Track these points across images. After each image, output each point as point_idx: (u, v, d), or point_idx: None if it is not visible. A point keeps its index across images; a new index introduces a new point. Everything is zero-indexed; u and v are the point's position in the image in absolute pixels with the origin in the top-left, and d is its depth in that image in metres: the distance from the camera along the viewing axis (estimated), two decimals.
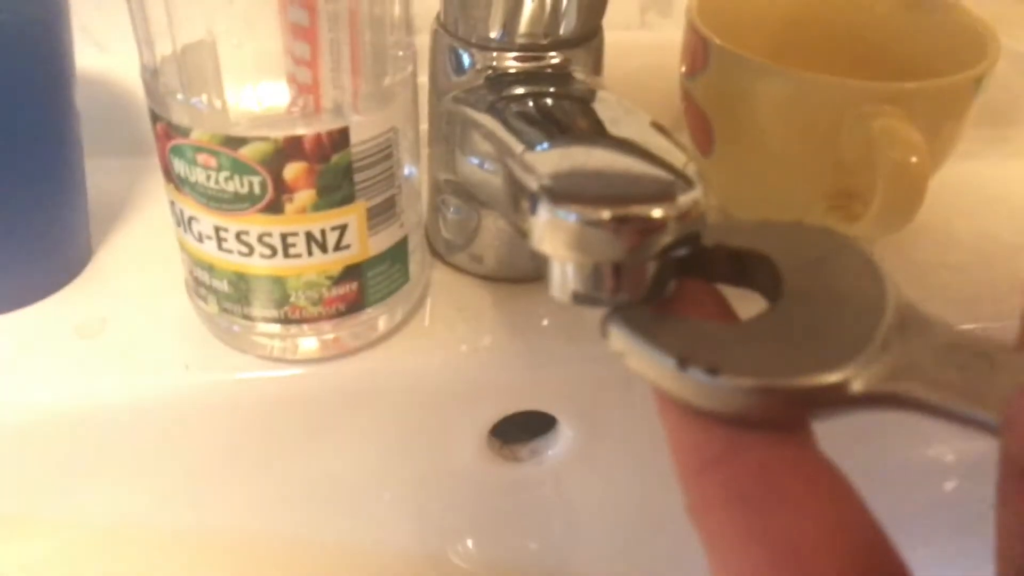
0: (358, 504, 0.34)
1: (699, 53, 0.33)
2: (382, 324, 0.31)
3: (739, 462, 0.17)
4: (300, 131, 0.25)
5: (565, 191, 0.20)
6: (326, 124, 0.26)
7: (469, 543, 0.38)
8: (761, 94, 0.31)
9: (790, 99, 0.31)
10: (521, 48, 0.29)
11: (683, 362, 0.17)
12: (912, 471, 0.39)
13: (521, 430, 0.35)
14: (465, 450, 0.34)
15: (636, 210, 0.19)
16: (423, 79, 0.30)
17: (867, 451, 0.36)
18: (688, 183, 0.20)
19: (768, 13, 0.37)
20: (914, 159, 0.28)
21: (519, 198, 0.21)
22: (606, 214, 0.19)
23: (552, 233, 0.19)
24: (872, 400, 0.17)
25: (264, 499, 0.33)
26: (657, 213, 0.19)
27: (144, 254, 0.35)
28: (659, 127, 0.24)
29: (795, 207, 0.34)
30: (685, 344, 0.18)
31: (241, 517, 0.33)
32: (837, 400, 0.17)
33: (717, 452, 0.17)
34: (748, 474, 0.17)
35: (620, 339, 0.19)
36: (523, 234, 0.21)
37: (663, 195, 0.20)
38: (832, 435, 0.18)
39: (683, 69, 0.35)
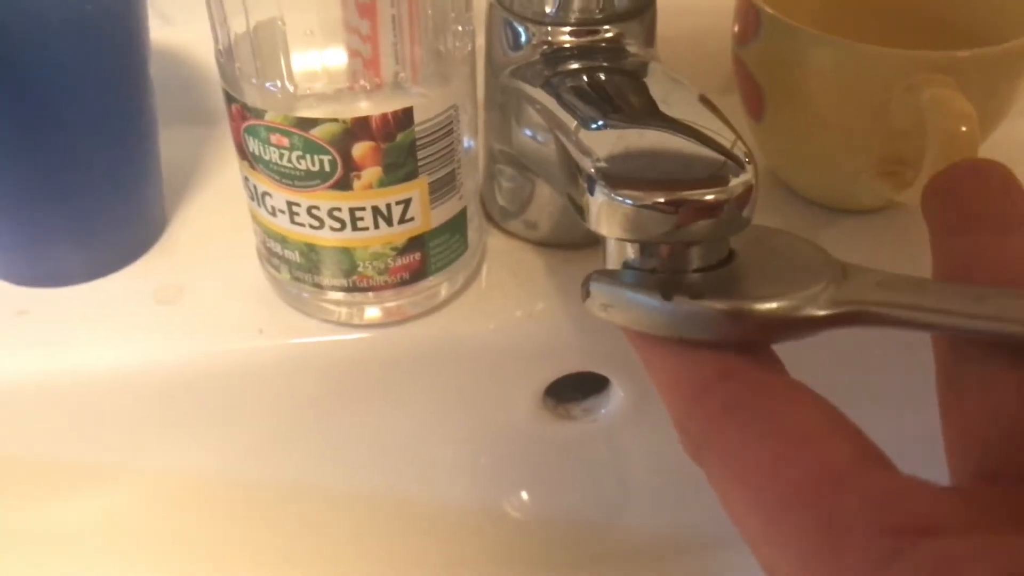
0: (420, 460, 0.36)
1: (750, 21, 0.33)
2: (444, 291, 0.32)
3: (734, 381, 0.19)
4: (367, 111, 0.27)
5: (621, 175, 0.21)
6: (388, 100, 0.27)
7: (524, 496, 0.40)
8: (811, 63, 0.32)
9: (840, 68, 0.31)
10: (575, 22, 0.30)
11: (667, 295, 0.20)
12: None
13: (575, 390, 0.37)
14: (521, 409, 0.36)
15: (690, 194, 0.20)
16: (480, 50, 0.31)
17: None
18: (739, 165, 0.21)
19: None
20: (964, 128, 0.29)
21: (576, 176, 0.22)
22: (662, 198, 0.20)
23: (609, 215, 0.21)
24: (830, 320, 0.19)
25: (331, 456, 0.35)
26: (711, 197, 0.20)
27: (216, 222, 0.37)
28: (707, 102, 0.25)
29: (846, 172, 0.35)
30: (663, 285, 0.20)
31: (310, 473, 0.36)
32: (799, 321, 0.19)
33: (710, 376, 0.19)
34: (747, 388, 0.18)
35: (603, 294, 0.21)
36: (579, 210, 0.22)
37: (716, 178, 0.21)
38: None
39: (735, 36, 0.35)
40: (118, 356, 0.32)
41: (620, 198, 0.20)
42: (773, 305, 0.19)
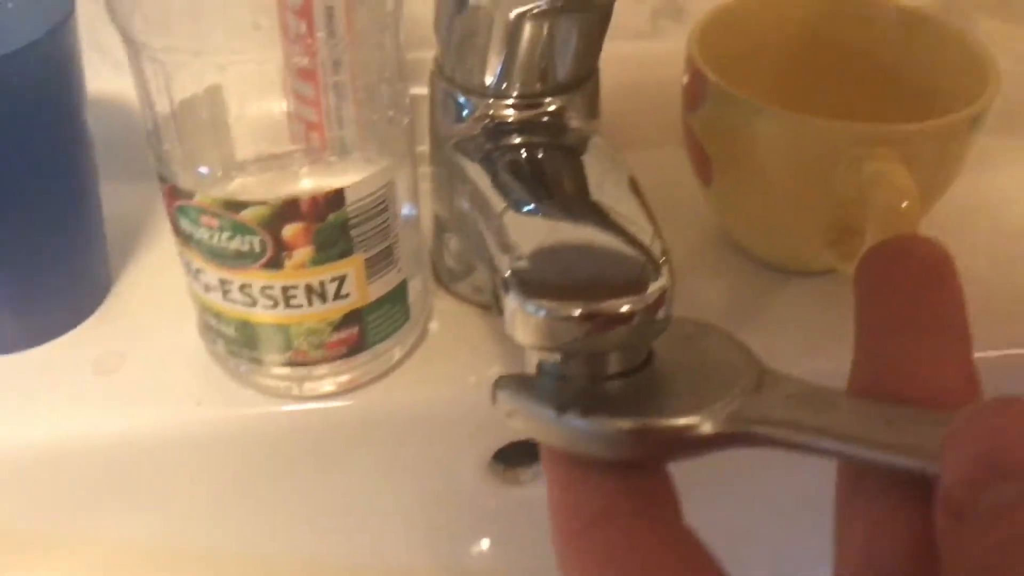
0: (367, 528, 0.36)
1: (697, 88, 0.33)
2: (383, 363, 0.32)
3: (612, 527, 0.18)
4: (296, 194, 0.26)
5: (535, 281, 0.20)
6: (329, 168, 0.27)
7: (475, 562, 0.39)
8: (756, 133, 0.32)
9: (784, 139, 0.31)
10: (517, 95, 0.30)
11: (561, 409, 0.19)
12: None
13: (524, 454, 0.37)
14: (469, 475, 0.35)
15: (604, 306, 0.20)
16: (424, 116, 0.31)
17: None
18: (656, 267, 0.21)
19: (775, 36, 0.37)
20: (904, 204, 0.29)
21: (493, 274, 0.22)
22: (576, 310, 0.20)
23: (523, 322, 0.20)
24: (724, 440, 0.19)
25: (275, 525, 0.35)
26: (625, 308, 0.20)
27: (163, 284, 0.36)
28: (635, 188, 0.25)
29: (794, 240, 0.35)
30: (563, 397, 0.20)
31: (253, 542, 0.35)
32: (692, 440, 0.19)
33: (595, 512, 0.18)
34: (623, 538, 0.18)
35: (507, 400, 0.20)
36: (498, 308, 0.22)
37: (633, 285, 0.20)
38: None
39: (683, 101, 0.35)
40: (56, 427, 0.32)
41: (533, 308, 0.20)
42: (667, 423, 0.19)
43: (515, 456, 0.36)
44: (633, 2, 0.48)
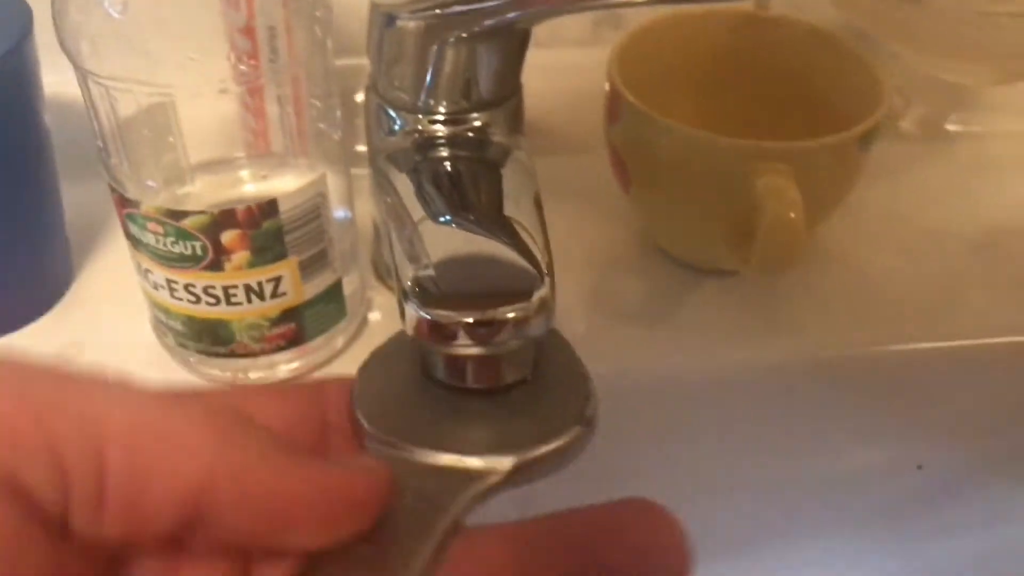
0: None
1: (615, 105, 0.36)
2: (321, 355, 0.35)
3: None
4: (233, 204, 0.29)
5: (432, 292, 0.23)
6: (273, 173, 0.30)
7: None
8: (666, 148, 0.35)
9: (689, 154, 0.34)
10: (444, 112, 0.33)
11: None
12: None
13: None
14: None
15: (492, 314, 0.23)
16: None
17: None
18: (542, 278, 0.24)
19: (690, 55, 0.40)
20: (791, 215, 0.32)
21: (398, 285, 0.25)
22: (465, 317, 0.23)
23: (420, 328, 0.23)
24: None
25: None
26: (511, 315, 0.23)
27: (121, 277, 0.39)
28: (538, 204, 0.28)
29: (703, 243, 0.38)
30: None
31: None
32: None
33: None
34: None
35: None
36: (400, 313, 0.25)
37: (521, 292, 0.23)
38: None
39: (605, 115, 0.38)
40: None
41: (426, 314, 0.23)
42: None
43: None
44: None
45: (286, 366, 0.34)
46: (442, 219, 0.28)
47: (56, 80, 0.36)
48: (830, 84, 0.38)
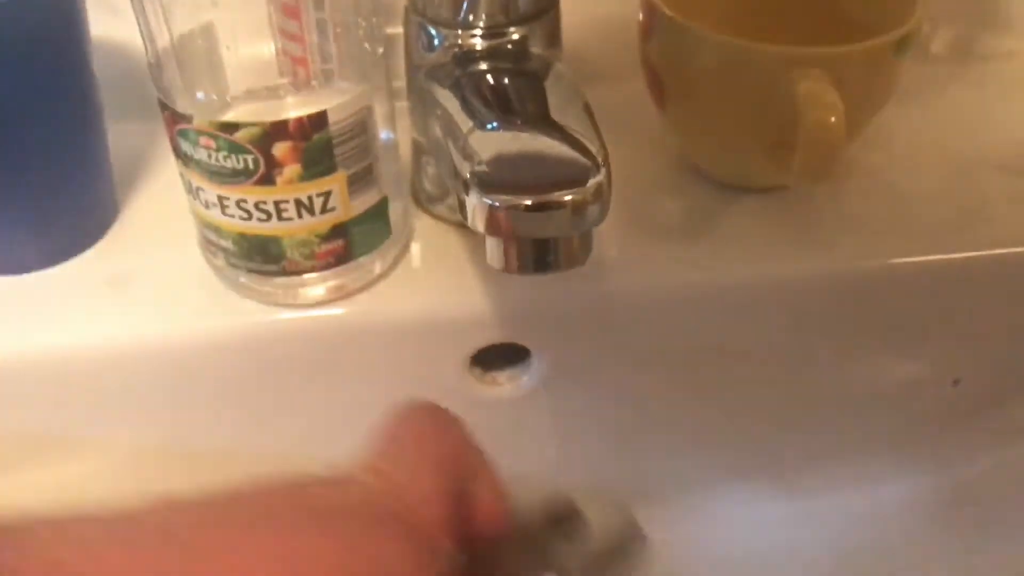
0: (355, 429, 0.39)
1: (650, 19, 0.36)
2: (369, 272, 0.35)
3: None
4: (291, 111, 0.29)
5: (492, 180, 0.24)
6: (314, 96, 0.30)
7: None
8: (701, 59, 0.35)
9: (726, 64, 0.34)
10: (483, 26, 0.33)
11: None
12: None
13: (500, 358, 0.40)
14: (450, 377, 0.39)
15: (549, 197, 0.23)
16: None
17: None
18: (596, 168, 0.24)
19: None
20: (832, 119, 0.32)
21: (456, 180, 0.25)
22: (526, 201, 0.23)
23: (480, 215, 0.24)
24: None
25: (273, 425, 0.38)
26: (568, 198, 0.23)
27: (165, 211, 0.40)
28: (589, 112, 0.28)
29: (740, 157, 0.38)
30: None
31: (252, 442, 0.39)
32: None
33: None
34: None
35: None
36: (461, 210, 0.25)
37: (576, 180, 0.24)
38: None
39: (639, 31, 0.38)
40: (74, 338, 0.35)
41: (489, 200, 0.23)
42: None
43: (492, 360, 0.40)
44: None
45: (334, 283, 0.34)
46: (490, 126, 0.28)
47: (103, 26, 0.37)
48: None
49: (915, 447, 0.45)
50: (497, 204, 0.23)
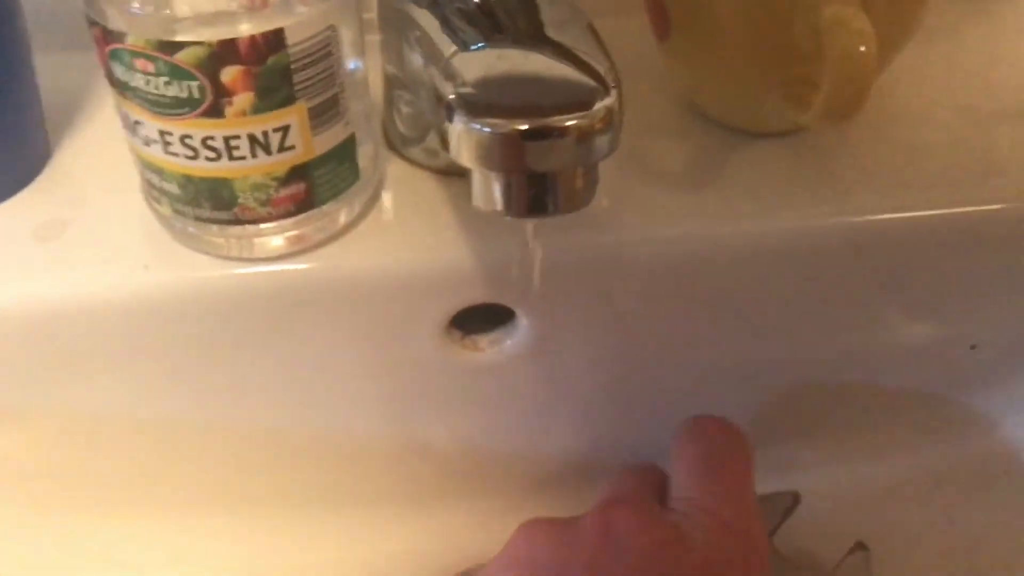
0: (323, 394, 0.36)
1: None
2: (333, 222, 0.31)
3: None
4: (234, 34, 0.25)
5: (480, 101, 0.20)
6: (270, 20, 0.26)
7: (444, 426, 0.39)
8: None
9: None
10: None
11: None
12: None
13: (482, 321, 0.36)
14: (427, 341, 0.35)
15: (550, 121, 0.19)
16: None
17: None
18: (606, 90, 0.20)
19: None
20: (862, 48, 0.28)
21: (438, 106, 0.21)
22: (522, 126, 0.19)
23: (467, 144, 0.20)
24: None
25: (232, 390, 0.34)
26: (571, 123, 0.19)
27: (104, 152, 0.35)
28: (593, 31, 0.24)
29: (752, 93, 0.34)
30: None
31: (207, 408, 0.35)
32: None
33: None
34: None
35: None
36: (443, 142, 0.21)
37: (581, 103, 0.20)
38: None
39: None
40: None
41: (477, 125, 0.19)
42: None
43: (474, 323, 0.36)
44: None
45: (294, 232, 0.30)
46: (475, 47, 0.24)
47: None
48: None
49: (931, 410, 0.42)
50: (487, 130, 0.19)
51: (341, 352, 0.35)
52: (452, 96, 0.20)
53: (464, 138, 0.20)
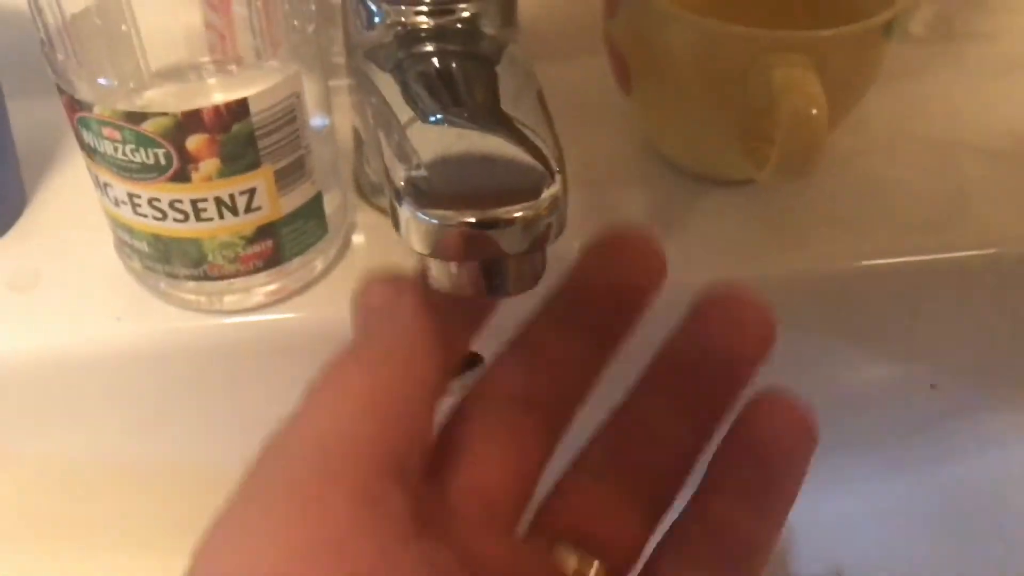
0: None
1: None
2: (304, 275, 0.32)
3: None
4: (198, 104, 0.26)
5: (430, 189, 0.21)
6: (241, 77, 0.27)
7: None
8: (670, 40, 0.32)
9: (697, 46, 0.31)
10: (429, 2, 0.29)
11: None
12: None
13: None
14: None
15: (497, 212, 0.20)
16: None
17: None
18: (551, 176, 0.21)
19: None
20: (813, 111, 0.29)
21: (388, 185, 0.22)
22: (468, 218, 0.20)
23: (415, 232, 0.20)
24: None
25: (200, 440, 0.35)
26: (519, 214, 0.20)
27: (78, 198, 0.36)
28: (542, 102, 0.25)
29: (712, 148, 0.35)
30: None
31: (179, 457, 0.36)
32: None
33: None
34: None
35: None
36: (393, 220, 0.22)
37: (527, 192, 0.20)
38: None
39: (603, 8, 0.35)
40: None
41: (426, 217, 0.20)
42: None
43: None
44: None
45: (262, 288, 0.31)
46: (432, 119, 0.25)
47: None
48: None
49: (891, 450, 0.43)
50: (435, 221, 0.20)
51: None
52: (402, 181, 0.21)
53: (412, 226, 0.20)
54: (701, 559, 0.23)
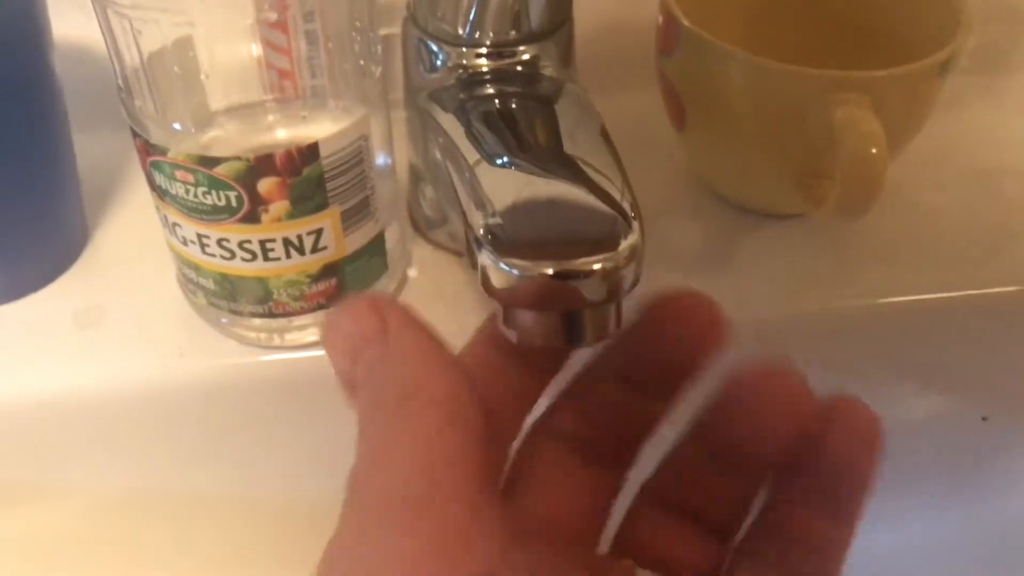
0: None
1: (671, 33, 0.33)
2: None
3: None
4: (271, 149, 0.26)
5: (508, 239, 0.21)
6: (304, 119, 0.27)
7: None
8: (728, 79, 0.32)
9: (755, 85, 0.31)
10: (490, 44, 0.30)
11: None
12: None
13: None
14: None
15: (577, 264, 0.20)
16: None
17: None
18: (628, 224, 0.21)
19: None
20: (873, 150, 0.29)
21: (467, 231, 0.22)
22: (548, 269, 0.20)
23: (495, 279, 0.21)
24: None
25: (258, 472, 0.36)
26: (598, 266, 0.20)
27: (141, 232, 0.36)
28: (607, 139, 0.25)
29: (766, 185, 0.35)
30: None
31: (237, 489, 0.36)
32: None
33: None
34: None
35: None
36: (471, 261, 0.22)
37: (605, 242, 0.21)
38: None
39: (657, 46, 0.35)
40: (38, 381, 0.32)
41: (506, 267, 0.20)
42: None
43: None
44: None
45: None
46: (499, 161, 0.25)
47: (63, 25, 0.33)
48: (899, 11, 0.36)
49: (941, 482, 0.42)
50: (516, 272, 0.20)
51: None
52: (481, 229, 0.21)
53: (493, 274, 0.21)
54: (776, 570, 0.23)
